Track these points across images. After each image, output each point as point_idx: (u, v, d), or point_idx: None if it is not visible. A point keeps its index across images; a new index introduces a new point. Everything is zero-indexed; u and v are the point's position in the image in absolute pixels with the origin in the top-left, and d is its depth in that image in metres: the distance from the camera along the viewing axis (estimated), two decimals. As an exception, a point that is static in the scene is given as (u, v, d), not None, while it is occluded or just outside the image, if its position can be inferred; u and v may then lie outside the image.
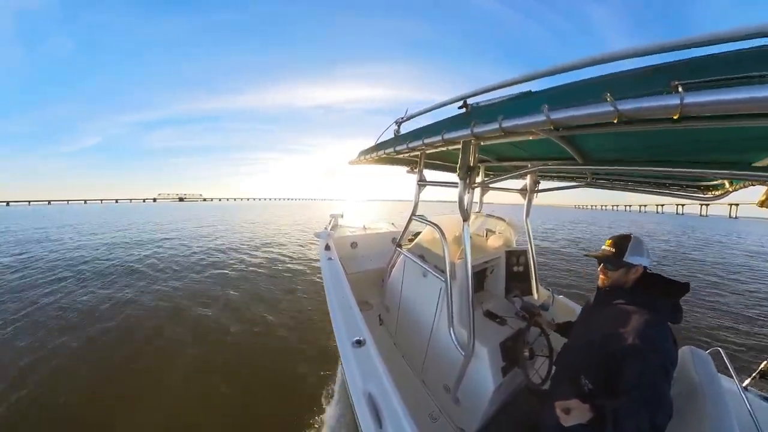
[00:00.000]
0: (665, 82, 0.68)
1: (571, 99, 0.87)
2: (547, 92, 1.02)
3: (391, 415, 1.17)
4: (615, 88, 0.77)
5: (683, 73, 0.66)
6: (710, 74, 0.63)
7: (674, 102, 0.64)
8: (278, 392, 3.17)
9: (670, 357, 1.08)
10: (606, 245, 1.32)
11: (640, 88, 0.73)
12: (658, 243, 16.42)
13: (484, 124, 1.19)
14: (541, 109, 0.91)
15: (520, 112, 1.03)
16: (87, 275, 7.47)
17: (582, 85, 0.88)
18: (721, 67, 0.62)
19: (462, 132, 1.33)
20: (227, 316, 5.05)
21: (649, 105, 0.70)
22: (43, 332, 4.40)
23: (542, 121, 0.92)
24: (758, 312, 6.04)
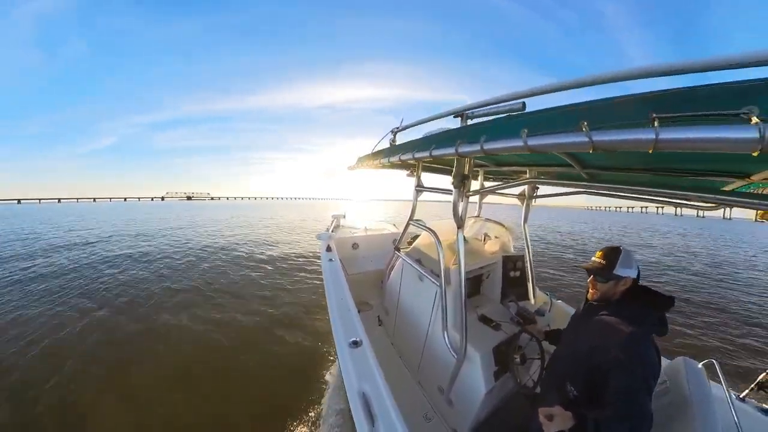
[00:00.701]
0: (644, 113, 0.66)
1: (549, 125, 0.89)
2: (528, 116, 1.04)
3: (383, 413, 1.21)
4: (593, 117, 0.77)
5: (662, 105, 0.65)
6: (688, 108, 0.62)
7: (649, 137, 0.64)
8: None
9: (653, 370, 1.11)
10: (596, 257, 1.33)
11: (618, 119, 0.73)
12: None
13: (468, 144, 1.23)
14: (520, 133, 0.93)
15: (501, 135, 1.07)
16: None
17: (560, 112, 0.89)
18: (702, 101, 0.61)
19: (448, 150, 1.37)
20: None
21: (624, 138, 0.70)
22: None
23: (520, 146, 0.94)
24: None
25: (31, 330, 4.39)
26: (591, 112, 0.80)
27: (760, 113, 0.51)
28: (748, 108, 0.52)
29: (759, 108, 0.52)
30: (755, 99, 0.53)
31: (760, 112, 0.52)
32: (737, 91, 0.55)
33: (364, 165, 2.69)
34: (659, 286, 5.27)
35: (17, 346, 3.97)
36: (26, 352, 3.83)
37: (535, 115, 1.01)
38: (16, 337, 4.18)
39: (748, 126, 0.52)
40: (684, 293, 7.48)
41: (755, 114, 0.52)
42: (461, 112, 1.47)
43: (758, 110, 0.52)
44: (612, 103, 0.76)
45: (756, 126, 0.51)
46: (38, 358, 3.71)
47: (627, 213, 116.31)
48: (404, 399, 2.21)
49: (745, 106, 0.53)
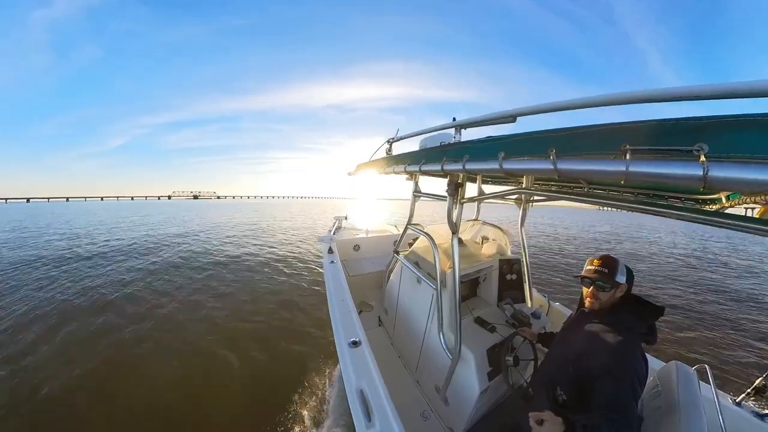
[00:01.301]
0: (615, 143, 0.68)
1: (523, 150, 0.96)
2: (507, 139, 1.10)
3: (379, 410, 1.28)
4: (564, 144, 0.80)
5: (627, 137, 0.66)
6: (651, 141, 0.63)
7: (620, 168, 0.65)
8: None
9: (640, 378, 1.13)
10: (595, 265, 1.31)
11: (591, 146, 0.75)
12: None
13: (452, 162, 1.32)
14: (497, 156, 1.01)
15: (482, 155, 1.15)
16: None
17: (533, 138, 0.95)
18: (670, 135, 0.62)
19: (434, 166, 1.47)
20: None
21: (586, 168, 0.73)
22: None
23: (496, 168, 1.02)
24: None
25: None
26: (563, 139, 0.83)
27: (708, 151, 0.54)
28: (699, 145, 0.55)
29: (708, 145, 0.54)
30: (706, 136, 0.56)
31: (708, 150, 0.54)
32: (693, 127, 0.58)
33: (363, 171, 2.77)
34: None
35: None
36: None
37: (514, 138, 1.07)
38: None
39: (695, 163, 0.55)
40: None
41: (704, 152, 0.54)
42: (455, 126, 1.53)
43: (707, 148, 0.54)
44: (583, 132, 0.79)
45: (701, 164, 0.54)
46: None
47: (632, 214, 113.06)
48: (403, 397, 2.29)
49: (698, 143, 0.56)
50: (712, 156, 0.54)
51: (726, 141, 0.54)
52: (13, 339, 4.19)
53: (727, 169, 0.52)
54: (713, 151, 0.54)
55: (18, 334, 4.32)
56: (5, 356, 3.78)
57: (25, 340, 4.17)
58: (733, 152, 0.52)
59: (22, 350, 3.92)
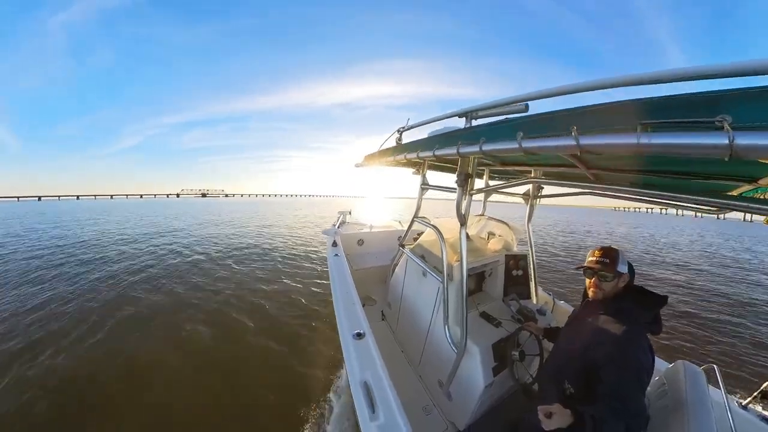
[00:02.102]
0: (632, 119, 0.70)
1: (543, 129, 0.94)
2: (523, 119, 1.09)
3: (383, 401, 1.27)
4: (584, 122, 0.81)
5: (648, 112, 0.68)
6: (671, 115, 0.65)
7: (632, 141, 0.67)
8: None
9: (646, 368, 1.13)
10: (596, 256, 1.33)
11: (607, 124, 0.76)
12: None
13: (469, 144, 1.29)
14: (515, 136, 0.99)
15: (499, 137, 1.13)
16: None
17: (551, 117, 0.94)
18: (682, 109, 0.63)
19: (450, 150, 1.44)
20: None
21: (609, 142, 0.74)
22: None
23: (515, 147, 1.00)
24: None
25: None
26: (582, 117, 0.83)
27: (732, 121, 0.55)
28: (721, 116, 0.56)
29: (731, 116, 0.55)
30: (728, 108, 0.56)
31: (732, 120, 0.55)
32: (713, 99, 0.59)
33: (371, 163, 2.76)
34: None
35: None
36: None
37: (531, 118, 1.06)
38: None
39: (720, 133, 0.56)
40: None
41: (728, 122, 0.55)
42: (466, 112, 1.51)
43: (731, 118, 0.55)
44: (601, 109, 0.80)
45: (726, 133, 0.55)
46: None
47: (647, 214, 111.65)
48: (405, 391, 2.26)
49: (719, 114, 0.56)
50: (737, 126, 0.55)
51: (747, 111, 0.55)
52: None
53: (753, 136, 0.53)
54: (736, 121, 0.55)
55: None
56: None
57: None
58: (754, 121, 0.54)
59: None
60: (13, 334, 4.05)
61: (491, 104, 1.38)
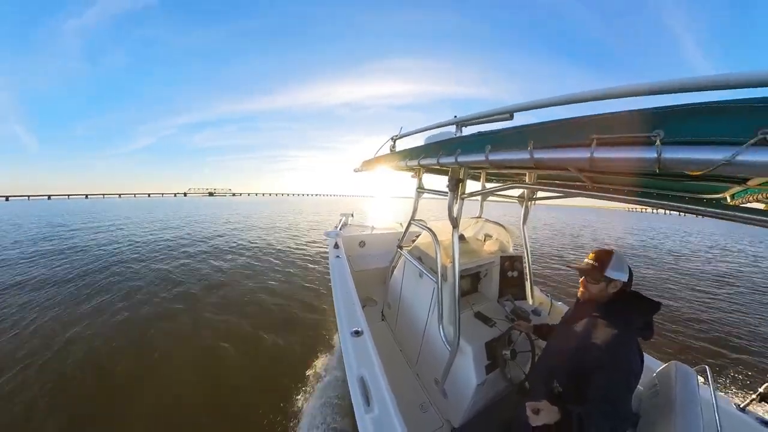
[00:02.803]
0: (584, 134, 0.74)
1: (506, 143, 1.03)
2: (491, 134, 1.19)
3: (378, 396, 1.34)
4: (540, 137, 0.88)
5: (602, 128, 0.73)
6: (623, 130, 0.69)
7: (585, 155, 0.72)
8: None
9: (635, 372, 1.15)
10: (589, 258, 1.35)
11: (563, 138, 0.82)
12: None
13: (447, 156, 1.40)
14: (484, 149, 1.09)
15: (471, 150, 1.23)
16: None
17: (515, 131, 1.02)
18: (632, 124, 0.68)
19: (431, 161, 1.55)
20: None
21: (561, 156, 0.80)
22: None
23: (482, 160, 1.11)
24: None
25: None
26: (538, 132, 0.90)
27: (664, 136, 0.61)
28: (657, 131, 0.62)
29: (664, 132, 0.61)
30: (663, 123, 0.62)
31: (664, 135, 0.61)
32: (651, 116, 0.65)
33: (368, 168, 2.83)
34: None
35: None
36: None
37: (499, 133, 1.15)
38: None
39: (650, 147, 0.62)
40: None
41: (660, 137, 0.61)
42: (456, 122, 1.57)
43: (663, 133, 0.61)
44: (557, 125, 0.85)
45: (656, 148, 0.61)
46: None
47: (658, 214, 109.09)
48: (402, 389, 2.34)
49: (655, 129, 0.62)
50: (667, 140, 0.60)
51: (678, 127, 0.61)
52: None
53: (677, 151, 0.59)
54: (668, 135, 0.60)
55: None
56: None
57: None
58: (685, 136, 0.59)
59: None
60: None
61: (478, 114, 1.45)
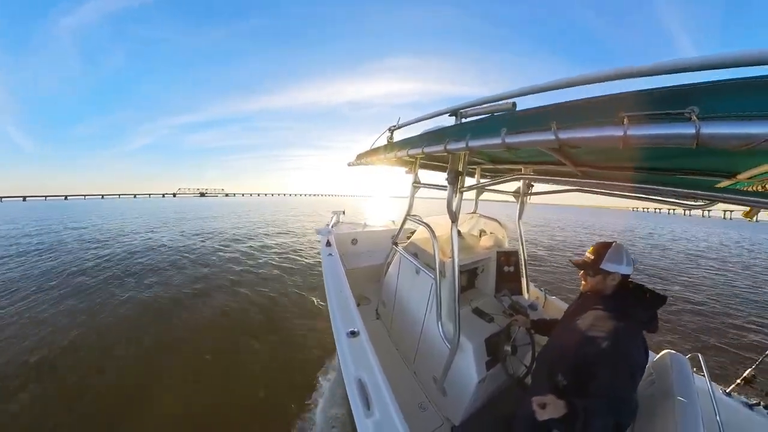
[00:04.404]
0: (612, 112, 0.72)
1: (527, 124, 0.96)
2: (508, 115, 1.12)
3: (378, 398, 1.28)
4: (564, 117, 0.83)
5: (623, 106, 0.71)
6: (645, 108, 0.68)
7: (618, 133, 0.69)
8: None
9: (638, 364, 1.15)
10: (588, 252, 1.38)
11: (589, 117, 0.78)
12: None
13: (455, 141, 1.31)
14: (500, 132, 1.02)
15: (484, 133, 1.15)
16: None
17: (534, 113, 0.96)
18: (663, 101, 0.66)
19: (437, 147, 1.46)
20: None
21: (586, 135, 0.77)
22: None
23: (498, 143, 1.02)
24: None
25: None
26: (562, 112, 0.86)
27: (699, 112, 0.59)
28: (690, 108, 0.60)
29: (699, 108, 0.59)
30: (697, 100, 0.60)
31: (699, 111, 0.59)
32: (683, 93, 0.63)
33: (363, 161, 2.77)
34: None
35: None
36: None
37: (516, 114, 1.08)
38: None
39: (688, 123, 0.59)
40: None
41: (695, 113, 0.59)
42: (455, 110, 1.53)
43: (698, 110, 0.59)
44: (581, 104, 0.82)
45: (694, 123, 0.58)
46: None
47: (666, 214, 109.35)
48: (400, 389, 2.29)
49: (689, 106, 0.60)
50: (702, 116, 0.58)
51: (712, 103, 0.59)
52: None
53: (716, 126, 0.57)
54: (703, 112, 0.59)
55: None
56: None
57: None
58: (720, 112, 0.57)
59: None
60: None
61: (479, 101, 1.40)
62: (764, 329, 5.44)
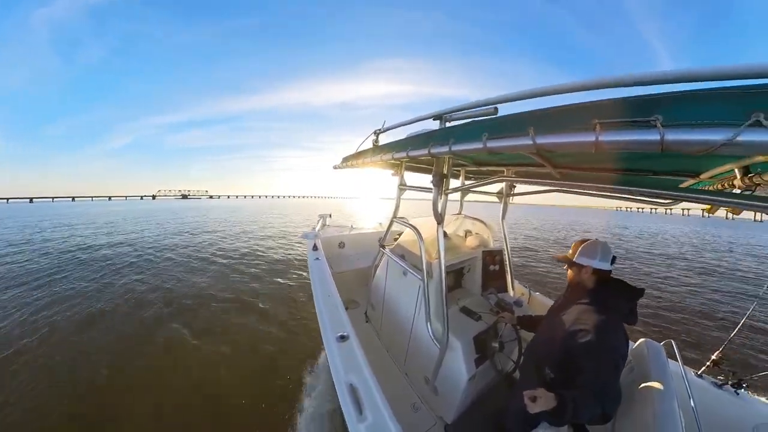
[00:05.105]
0: (586, 119, 0.77)
1: (507, 129, 1.00)
2: (490, 121, 1.17)
3: (370, 402, 1.27)
4: (539, 123, 0.88)
5: (603, 113, 0.76)
6: (623, 115, 0.73)
7: (591, 139, 0.75)
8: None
9: (621, 354, 1.22)
10: (571, 248, 1.49)
11: (564, 123, 0.83)
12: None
13: (439, 145, 1.34)
14: (481, 137, 1.06)
15: (467, 138, 1.19)
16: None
17: (514, 118, 1.01)
18: (631, 109, 0.72)
19: (421, 151, 1.48)
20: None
21: (562, 141, 0.82)
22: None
23: (480, 147, 1.07)
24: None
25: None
26: (540, 118, 0.91)
27: (663, 120, 0.65)
28: (655, 116, 0.65)
29: (662, 116, 0.65)
30: (661, 109, 0.66)
31: (663, 119, 0.65)
32: (651, 101, 0.69)
33: (349, 164, 2.75)
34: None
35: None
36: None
37: (497, 120, 1.13)
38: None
39: (653, 130, 0.65)
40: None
41: (660, 121, 0.65)
42: (440, 115, 1.56)
43: (662, 118, 0.65)
44: (558, 110, 0.87)
45: (658, 130, 0.64)
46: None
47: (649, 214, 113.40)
48: (392, 391, 2.29)
49: (654, 114, 0.66)
50: (666, 124, 0.64)
51: (675, 112, 0.65)
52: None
53: (679, 133, 0.63)
54: (667, 120, 0.65)
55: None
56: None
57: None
58: (682, 120, 0.64)
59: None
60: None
61: (463, 107, 1.43)
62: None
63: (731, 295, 7.52)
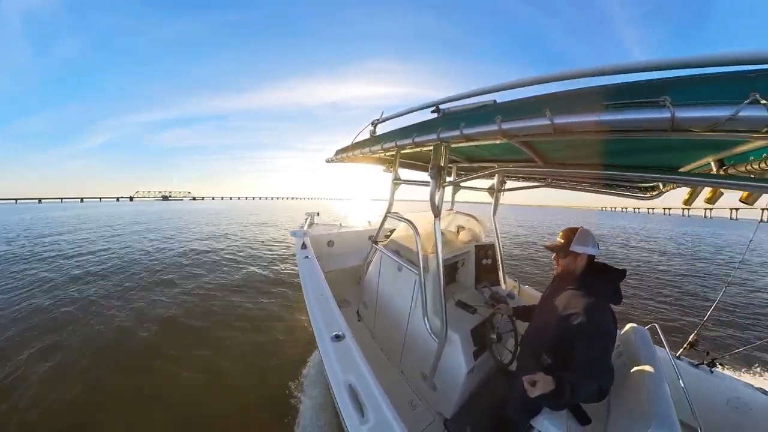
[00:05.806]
0: (599, 101, 0.82)
1: (520, 112, 1.01)
2: (502, 104, 1.16)
3: (371, 402, 1.23)
4: (554, 105, 0.91)
5: (613, 95, 0.81)
6: (627, 97, 0.78)
7: (607, 118, 0.80)
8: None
9: (611, 334, 1.27)
10: (559, 237, 1.50)
11: (575, 106, 0.87)
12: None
13: (449, 130, 1.33)
14: (495, 119, 1.06)
15: (479, 122, 1.18)
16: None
17: (527, 101, 1.02)
18: (636, 92, 0.78)
19: (430, 136, 1.46)
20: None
21: (577, 120, 0.85)
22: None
23: (495, 130, 1.07)
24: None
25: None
26: (553, 101, 0.94)
27: (672, 101, 0.70)
28: (664, 97, 0.71)
29: (671, 97, 0.70)
30: (670, 91, 0.72)
31: (672, 100, 0.70)
32: (659, 84, 0.75)
33: (343, 157, 2.70)
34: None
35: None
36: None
37: (509, 103, 1.13)
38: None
39: (663, 109, 0.71)
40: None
41: (669, 101, 0.70)
42: (438, 104, 1.55)
43: (670, 99, 0.70)
44: (570, 94, 0.91)
45: (669, 109, 0.70)
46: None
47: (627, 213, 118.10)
48: (389, 389, 2.26)
49: (663, 95, 0.71)
50: (674, 103, 0.70)
51: (682, 93, 0.72)
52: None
53: (687, 111, 0.69)
54: (674, 100, 0.71)
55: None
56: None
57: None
58: (688, 100, 0.70)
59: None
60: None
61: (461, 95, 1.42)
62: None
63: (704, 283, 8.15)
